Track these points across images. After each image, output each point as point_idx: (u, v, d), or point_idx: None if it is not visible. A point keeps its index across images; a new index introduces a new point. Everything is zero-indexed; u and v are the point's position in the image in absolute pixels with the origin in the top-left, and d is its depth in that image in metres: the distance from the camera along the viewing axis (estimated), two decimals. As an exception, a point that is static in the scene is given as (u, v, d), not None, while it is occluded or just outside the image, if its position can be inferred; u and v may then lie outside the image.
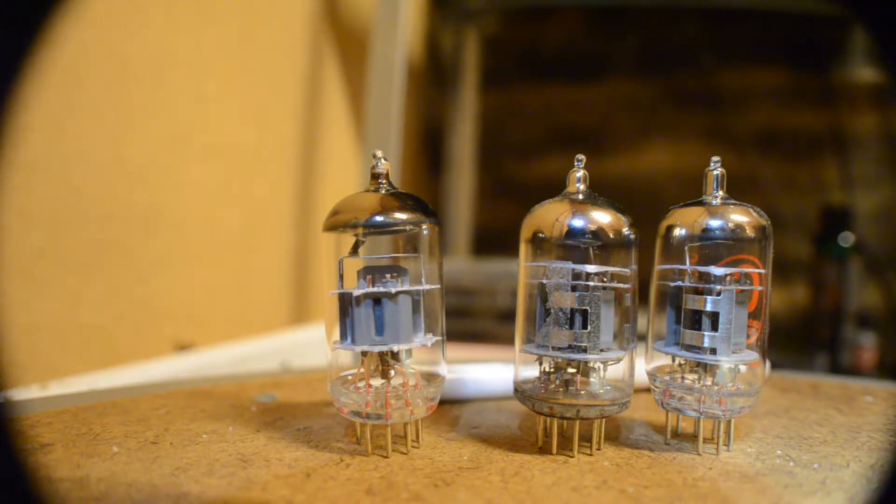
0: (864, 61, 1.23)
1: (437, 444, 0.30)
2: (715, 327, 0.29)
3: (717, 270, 0.30)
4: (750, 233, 0.30)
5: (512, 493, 0.25)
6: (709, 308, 0.29)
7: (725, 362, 0.30)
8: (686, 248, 0.30)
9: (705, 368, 0.30)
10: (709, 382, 0.30)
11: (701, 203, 0.31)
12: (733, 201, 0.31)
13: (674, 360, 0.31)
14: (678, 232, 0.31)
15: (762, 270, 0.30)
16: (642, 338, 0.32)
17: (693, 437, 0.31)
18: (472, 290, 1.16)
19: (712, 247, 0.30)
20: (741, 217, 0.30)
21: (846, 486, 0.26)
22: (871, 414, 0.37)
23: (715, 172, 0.31)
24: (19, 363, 0.53)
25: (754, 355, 0.30)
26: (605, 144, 1.47)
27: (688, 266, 0.30)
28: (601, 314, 0.29)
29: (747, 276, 0.30)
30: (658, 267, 0.32)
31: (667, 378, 0.31)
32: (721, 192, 0.31)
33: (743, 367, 0.31)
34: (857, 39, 1.22)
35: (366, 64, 0.92)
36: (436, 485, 0.25)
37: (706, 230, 0.30)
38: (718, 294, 0.29)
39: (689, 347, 0.30)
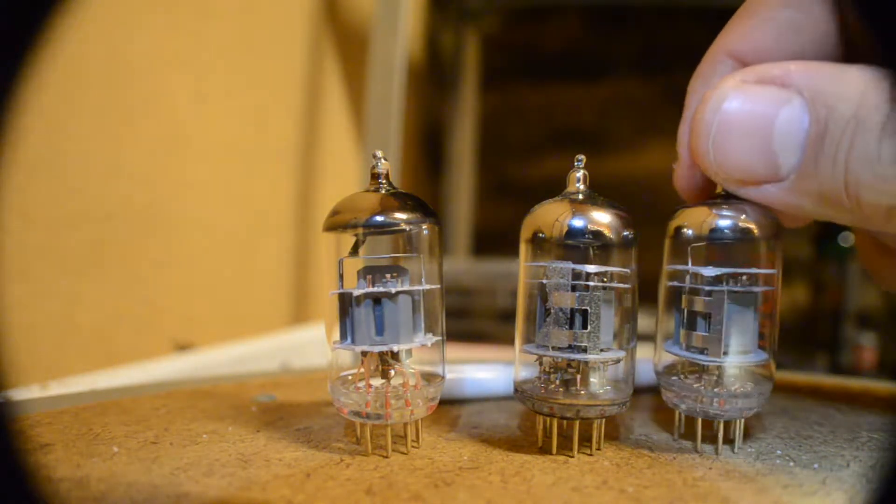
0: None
1: (437, 444, 0.30)
2: (712, 328, 0.29)
3: (707, 271, 0.30)
4: (759, 233, 0.30)
5: (512, 493, 0.25)
6: (704, 308, 0.30)
7: (726, 363, 0.30)
8: (690, 248, 0.30)
9: (705, 369, 0.30)
10: (713, 383, 0.30)
11: (708, 203, 0.31)
12: (737, 201, 0.31)
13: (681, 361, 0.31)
14: (685, 232, 0.31)
15: (767, 271, 0.30)
16: (643, 338, 0.32)
17: (708, 437, 0.31)
18: (472, 290, 1.16)
19: (720, 247, 0.30)
20: (750, 217, 0.30)
21: (846, 486, 0.26)
22: (871, 414, 0.37)
23: None
24: (19, 363, 0.53)
25: (762, 356, 0.30)
26: (605, 144, 1.47)
27: (690, 267, 0.30)
28: (601, 314, 0.29)
29: (753, 276, 0.30)
30: (668, 267, 0.32)
31: (674, 378, 0.31)
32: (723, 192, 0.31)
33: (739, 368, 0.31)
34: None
35: (366, 64, 0.93)
36: (436, 485, 0.25)
37: (714, 230, 0.30)
38: (709, 295, 0.30)
39: (692, 348, 0.30)
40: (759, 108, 0.24)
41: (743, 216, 0.30)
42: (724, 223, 0.30)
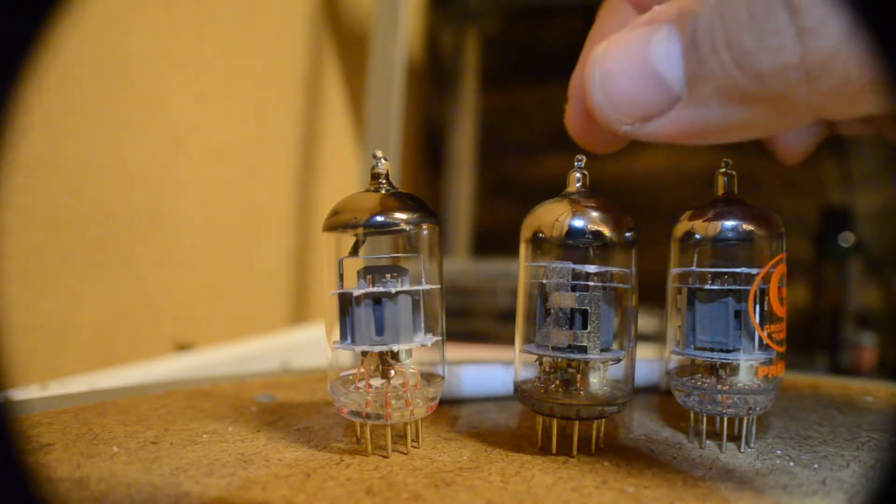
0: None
1: (437, 444, 0.30)
2: (694, 326, 0.30)
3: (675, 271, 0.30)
4: (764, 233, 0.30)
5: (512, 493, 0.25)
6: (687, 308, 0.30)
7: (737, 359, 0.30)
8: (696, 250, 0.31)
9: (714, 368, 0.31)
10: (718, 381, 0.30)
11: (714, 205, 0.31)
12: (746, 203, 0.31)
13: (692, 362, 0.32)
14: (693, 235, 0.31)
15: (752, 270, 0.30)
16: (642, 338, 0.32)
17: (715, 436, 0.31)
18: (472, 290, 1.16)
19: (728, 248, 0.30)
20: (758, 218, 0.30)
21: (846, 486, 0.26)
22: (871, 414, 0.37)
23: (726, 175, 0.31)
24: (19, 363, 0.53)
25: (767, 355, 0.30)
26: (605, 144, 1.47)
27: (678, 269, 0.30)
28: (601, 314, 0.29)
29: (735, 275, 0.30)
30: (673, 270, 0.32)
31: (685, 379, 0.31)
32: (726, 194, 0.31)
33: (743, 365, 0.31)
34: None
35: (366, 64, 0.92)
36: (436, 485, 0.25)
37: (721, 232, 0.30)
38: (680, 292, 0.30)
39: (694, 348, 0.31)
40: (632, 43, 0.24)
41: (751, 218, 0.30)
42: (728, 224, 0.30)
